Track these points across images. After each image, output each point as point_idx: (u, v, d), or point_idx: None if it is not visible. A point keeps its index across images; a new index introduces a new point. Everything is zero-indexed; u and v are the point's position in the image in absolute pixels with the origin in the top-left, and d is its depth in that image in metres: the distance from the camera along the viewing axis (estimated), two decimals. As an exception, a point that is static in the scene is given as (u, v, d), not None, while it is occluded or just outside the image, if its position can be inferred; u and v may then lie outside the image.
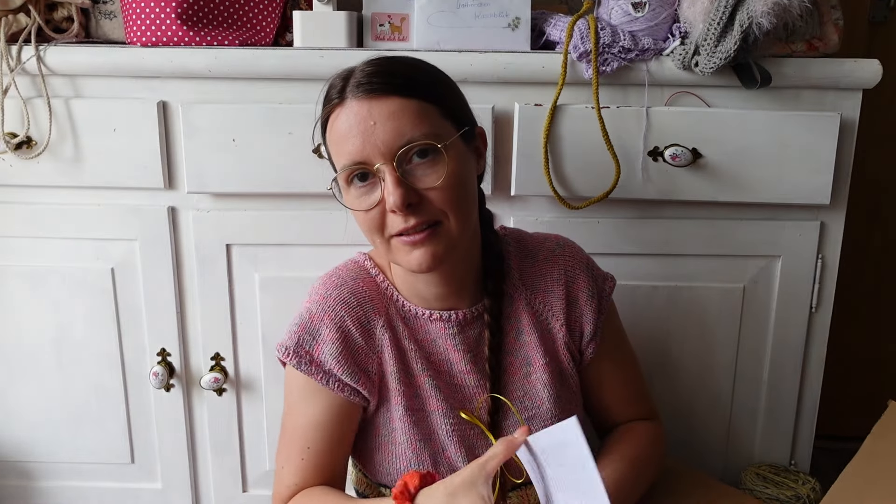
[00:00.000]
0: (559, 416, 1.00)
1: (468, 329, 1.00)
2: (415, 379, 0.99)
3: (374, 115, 0.86)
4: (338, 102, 0.89)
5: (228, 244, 1.26)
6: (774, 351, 1.32)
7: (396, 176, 0.86)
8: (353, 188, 0.90)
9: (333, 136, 0.90)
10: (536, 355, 1.01)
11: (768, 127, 1.19)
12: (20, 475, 1.39)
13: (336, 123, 0.89)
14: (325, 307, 0.97)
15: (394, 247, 0.91)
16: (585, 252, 1.07)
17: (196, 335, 1.31)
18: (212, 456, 1.36)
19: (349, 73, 0.90)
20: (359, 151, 0.87)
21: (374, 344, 0.98)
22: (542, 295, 1.03)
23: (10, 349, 1.33)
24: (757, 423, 1.36)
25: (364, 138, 0.86)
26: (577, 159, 1.21)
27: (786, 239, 1.27)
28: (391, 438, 0.99)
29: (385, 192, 0.87)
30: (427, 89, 0.90)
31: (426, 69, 0.94)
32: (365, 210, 0.89)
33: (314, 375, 0.96)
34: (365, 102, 0.87)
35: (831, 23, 1.20)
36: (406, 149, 0.86)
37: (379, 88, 0.87)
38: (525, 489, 1.01)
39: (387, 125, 0.86)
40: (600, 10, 1.22)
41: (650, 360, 1.31)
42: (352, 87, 0.88)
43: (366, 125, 0.86)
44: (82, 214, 1.26)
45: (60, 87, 1.22)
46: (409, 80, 0.89)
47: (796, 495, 1.24)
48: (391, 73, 0.89)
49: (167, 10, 1.18)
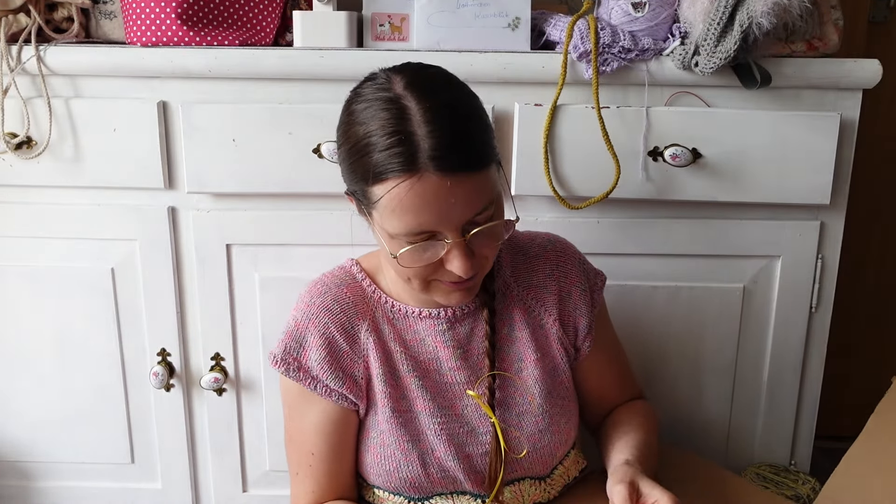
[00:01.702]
0: (550, 411, 1.01)
1: (458, 326, 1.00)
2: (401, 380, 0.99)
3: (456, 193, 0.82)
4: (408, 173, 0.81)
5: (228, 244, 1.26)
6: (774, 351, 1.32)
7: (465, 249, 0.85)
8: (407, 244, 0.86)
9: (396, 202, 0.83)
10: (528, 351, 1.02)
11: (768, 127, 1.19)
12: (20, 475, 1.39)
13: (405, 192, 0.82)
14: (310, 315, 0.98)
15: (434, 287, 0.92)
16: (577, 249, 1.08)
17: (196, 335, 1.31)
18: (212, 456, 1.36)
19: (406, 127, 0.82)
20: (430, 225, 0.84)
21: (358, 348, 0.98)
22: (533, 291, 1.03)
23: (10, 349, 1.33)
24: (757, 423, 1.36)
25: (440, 215, 0.83)
26: (577, 159, 1.21)
27: (786, 239, 1.27)
28: (380, 441, 0.99)
29: (451, 256, 0.86)
30: (490, 146, 0.87)
31: (478, 111, 0.88)
32: (417, 267, 0.88)
33: (303, 381, 0.98)
34: (446, 179, 0.81)
35: (831, 23, 1.20)
36: (475, 220, 0.86)
37: (458, 164, 0.82)
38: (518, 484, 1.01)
39: (466, 202, 0.83)
40: (600, 10, 1.22)
41: (650, 360, 1.31)
42: (426, 158, 0.81)
43: (446, 202, 0.82)
44: (82, 214, 1.26)
45: (60, 87, 1.22)
46: (481, 145, 0.85)
47: (796, 495, 1.24)
48: (462, 137, 0.83)
49: (167, 10, 1.18)
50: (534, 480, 1.03)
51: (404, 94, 0.84)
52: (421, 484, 0.98)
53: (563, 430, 1.03)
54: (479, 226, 0.86)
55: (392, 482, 0.99)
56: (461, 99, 0.88)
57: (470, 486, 0.99)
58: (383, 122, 0.83)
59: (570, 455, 1.07)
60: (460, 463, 0.98)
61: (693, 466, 1.15)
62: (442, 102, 0.84)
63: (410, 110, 0.83)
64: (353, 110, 0.87)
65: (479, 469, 0.99)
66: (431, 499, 1.00)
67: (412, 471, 0.98)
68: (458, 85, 0.90)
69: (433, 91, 0.85)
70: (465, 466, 0.98)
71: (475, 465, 0.99)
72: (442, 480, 0.99)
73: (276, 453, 1.35)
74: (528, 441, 1.00)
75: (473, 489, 0.99)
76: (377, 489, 1.02)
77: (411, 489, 0.99)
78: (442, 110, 0.83)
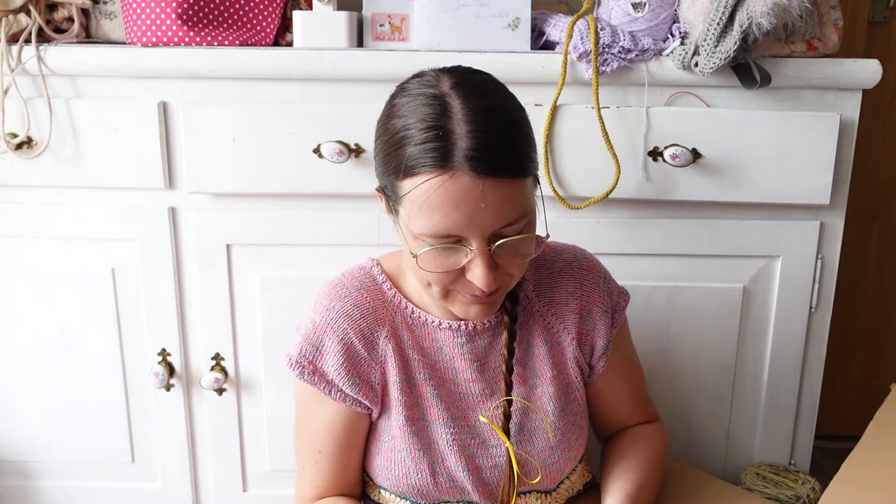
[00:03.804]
0: (563, 429, 1.00)
1: (477, 339, 0.99)
2: (417, 388, 0.98)
3: (487, 198, 0.79)
4: (441, 169, 0.79)
5: (228, 244, 1.26)
6: (774, 351, 1.32)
7: (489, 260, 0.82)
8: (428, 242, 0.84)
9: (424, 198, 0.80)
10: (544, 368, 1.01)
11: (768, 127, 1.19)
12: (20, 475, 1.39)
13: (435, 189, 0.79)
14: (328, 319, 0.96)
15: (453, 297, 0.89)
16: (602, 266, 1.06)
17: (196, 335, 1.31)
18: (212, 456, 1.36)
19: (446, 124, 0.80)
20: (457, 227, 0.80)
21: (376, 354, 0.97)
22: (555, 307, 1.02)
23: (10, 349, 1.33)
24: (757, 423, 1.36)
25: (469, 218, 0.80)
26: (577, 159, 1.21)
27: (786, 239, 1.27)
28: (391, 446, 0.99)
29: (473, 266, 0.83)
30: (530, 158, 0.84)
31: (521, 121, 0.85)
32: (439, 272, 0.85)
33: (317, 385, 0.97)
34: (479, 181, 0.78)
35: (831, 23, 1.20)
36: (504, 230, 0.82)
37: (496, 170, 0.79)
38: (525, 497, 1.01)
39: (497, 209, 0.80)
40: (600, 11, 1.22)
41: (650, 360, 1.31)
42: (461, 157, 0.78)
43: (475, 206, 0.79)
44: (82, 214, 1.26)
45: (61, 87, 1.22)
46: (520, 155, 0.82)
47: (796, 495, 1.24)
48: (502, 144, 0.80)
49: (167, 10, 1.19)
50: (540, 494, 1.02)
51: (450, 92, 0.82)
52: (429, 491, 0.98)
53: (573, 447, 1.02)
54: (506, 237, 0.83)
55: (400, 487, 0.99)
56: (507, 106, 0.85)
57: (477, 496, 0.98)
58: (424, 116, 0.81)
59: (577, 469, 1.07)
60: (470, 474, 0.97)
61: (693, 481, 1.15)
62: (486, 105, 0.82)
63: (453, 108, 0.80)
64: (396, 104, 0.85)
65: (487, 481, 0.98)
66: None
67: (421, 478, 0.97)
68: (506, 93, 0.87)
69: (480, 94, 0.83)
70: (474, 478, 0.97)
71: (484, 478, 0.98)
72: (450, 489, 0.98)
73: (276, 453, 1.35)
74: (539, 457, 0.99)
75: (480, 500, 0.99)
76: (383, 490, 1.02)
77: (418, 495, 0.99)
78: (485, 113, 0.81)
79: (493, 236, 0.82)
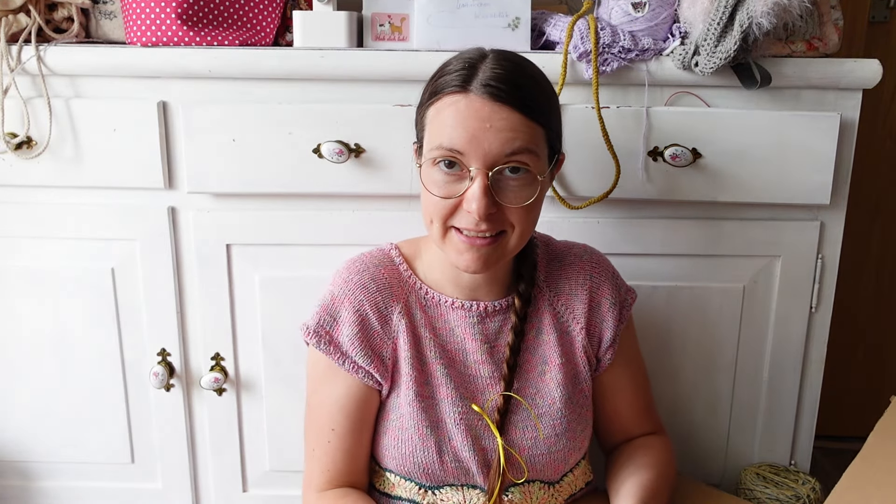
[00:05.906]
0: (569, 417, 1.02)
1: (488, 321, 1.02)
2: (427, 366, 1.01)
3: (493, 120, 0.87)
4: (459, 90, 0.89)
5: (228, 244, 1.26)
6: (774, 351, 1.32)
7: (486, 185, 0.88)
8: (438, 170, 0.91)
9: (442, 115, 0.90)
10: (553, 355, 1.03)
11: (768, 127, 1.19)
12: (20, 475, 1.39)
13: (450, 106, 0.89)
14: (346, 291, 1.01)
15: (449, 238, 0.93)
16: (611, 263, 1.10)
17: (196, 335, 1.31)
18: (212, 456, 1.36)
19: (477, 62, 0.91)
20: (462, 143, 0.88)
21: (390, 329, 1.01)
22: (564, 297, 1.05)
23: (10, 349, 1.33)
24: (757, 423, 1.36)
25: (473, 135, 0.87)
26: (576, 159, 1.21)
27: (786, 239, 1.27)
28: (399, 424, 1.00)
29: (469, 193, 0.89)
30: (544, 112, 0.92)
31: (547, 89, 0.95)
32: (440, 196, 0.90)
33: (332, 355, 1.00)
34: (488, 104, 0.88)
35: (831, 23, 1.20)
36: (505, 162, 0.89)
37: (505, 97, 0.88)
38: (528, 486, 1.02)
39: (500, 134, 0.87)
40: (600, 10, 1.22)
41: (650, 360, 1.31)
42: (478, 83, 0.88)
43: (481, 125, 0.87)
44: (82, 214, 1.26)
45: (60, 87, 1.22)
46: (533, 100, 0.90)
47: (796, 495, 1.24)
48: (519, 85, 0.89)
49: (167, 10, 1.19)
50: (543, 484, 1.03)
51: (489, 53, 0.93)
52: (434, 471, 0.99)
53: (578, 437, 1.04)
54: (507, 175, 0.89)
55: (406, 466, 1.00)
56: (535, 69, 0.94)
57: (481, 480, 1.00)
58: (462, 59, 0.92)
59: (581, 465, 1.08)
60: (475, 455, 0.99)
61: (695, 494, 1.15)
62: (518, 64, 0.92)
63: (488, 59, 0.91)
64: (446, 61, 0.95)
65: (491, 465, 1.00)
66: (442, 489, 1.01)
67: (427, 457, 0.99)
68: (540, 72, 0.95)
69: (516, 59, 0.93)
70: (479, 459, 0.99)
71: (489, 460, 1.00)
72: (455, 470, 1.00)
73: (276, 453, 1.35)
74: (544, 443, 1.01)
75: (483, 484, 1.00)
76: (389, 473, 1.03)
77: (424, 476, 1.00)
78: (513, 65, 0.91)
79: (494, 169, 0.88)
